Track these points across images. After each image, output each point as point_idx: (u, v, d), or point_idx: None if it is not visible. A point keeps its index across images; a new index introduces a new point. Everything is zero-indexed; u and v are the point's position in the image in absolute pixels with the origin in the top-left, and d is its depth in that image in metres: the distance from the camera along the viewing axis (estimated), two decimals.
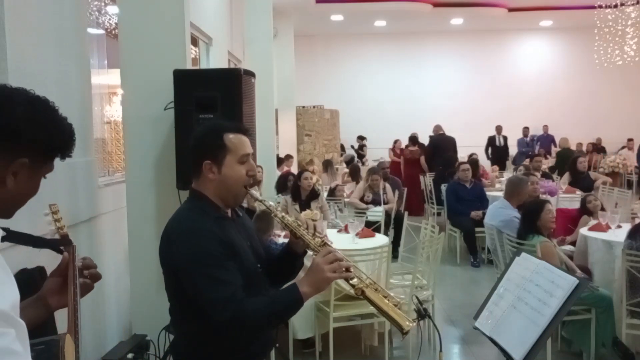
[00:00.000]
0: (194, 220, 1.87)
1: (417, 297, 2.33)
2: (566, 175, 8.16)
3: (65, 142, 1.36)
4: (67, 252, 1.58)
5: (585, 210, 5.51)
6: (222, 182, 1.91)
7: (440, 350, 2.12)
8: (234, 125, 1.99)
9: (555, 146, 15.23)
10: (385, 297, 1.85)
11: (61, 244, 1.62)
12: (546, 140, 15.11)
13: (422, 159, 11.24)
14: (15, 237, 1.48)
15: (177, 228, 1.89)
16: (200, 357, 1.93)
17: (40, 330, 1.49)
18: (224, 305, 1.76)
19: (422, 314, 2.05)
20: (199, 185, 1.95)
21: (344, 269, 1.82)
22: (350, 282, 1.84)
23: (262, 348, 2.02)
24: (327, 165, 10.04)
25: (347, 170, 10.33)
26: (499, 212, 5.45)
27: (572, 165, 8.16)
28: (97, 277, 1.62)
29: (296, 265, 2.05)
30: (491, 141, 13.67)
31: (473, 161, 8.58)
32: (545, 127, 15.33)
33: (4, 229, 1.37)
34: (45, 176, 1.35)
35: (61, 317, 1.60)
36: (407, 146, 12.09)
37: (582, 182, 7.82)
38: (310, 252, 1.95)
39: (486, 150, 13.55)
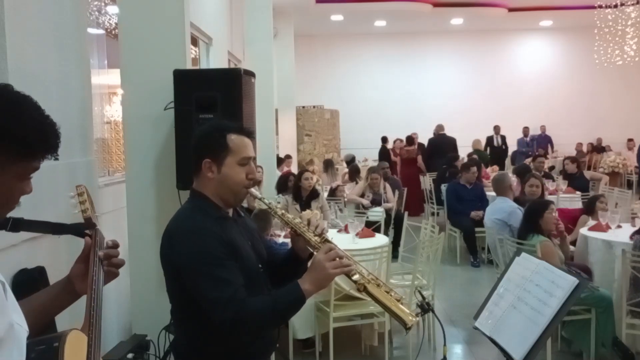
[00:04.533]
0: (196, 220, 1.87)
1: (420, 292, 2.32)
2: (560, 178, 8.26)
3: (31, 139, 1.15)
4: (90, 236, 1.52)
5: (588, 209, 5.52)
6: (221, 182, 1.90)
7: (445, 344, 2.11)
8: (238, 126, 1.98)
9: (553, 146, 15.26)
10: (387, 292, 1.85)
11: (84, 227, 1.55)
12: (544, 140, 15.14)
13: (419, 158, 11.24)
14: (31, 226, 1.42)
15: (178, 228, 1.89)
16: (201, 357, 1.93)
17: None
18: (226, 304, 1.76)
19: (425, 308, 2.04)
20: (199, 185, 1.95)
21: (345, 266, 1.82)
22: (352, 278, 1.84)
23: (264, 348, 2.01)
24: (328, 165, 10.03)
25: (347, 170, 10.32)
26: (501, 206, 5.66)
27: (563, 167, 8.38)
28: (119, 264, 1.56)
29: (299, 271, 2.01)
30: (489, 141, 13.67)
31: (477, 162, 8.57)
32: (543, 127, 15.36)
33: (17, 219, 1.36)
34: (28, 176, 1.20)
35: (62, 317, 1.59)
36: (404, 146, 12.11)
37: (576, 182, 7.90)
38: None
39: (484, 150, 13.56)
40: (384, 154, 13.06)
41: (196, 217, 1.88)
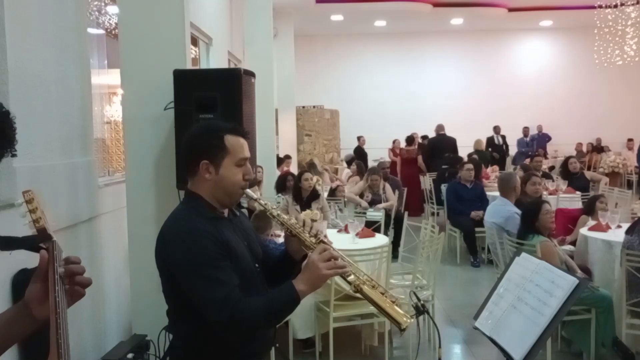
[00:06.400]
0: (189, 221, 1.87)
1: (415, 294, 2.32)
2: (559, 178, 8.21)
3: None
4: (47, 250, 1.30)
5: (588, 209, 5.51)
6: (218, 183, 1.89)
7: (440, 347, 2.12)
8: (234, 127, 1.97)
9: (550, 138, 15.32)
10: (382, 293, 1.85)
11: (38, 240, 1.31)
12: (542, 139, 15.16)
13: (420, 158, 11.24)
14: None
15: (172, 229, 1.88)
16: (197, 357, 1.93)
17: (39, 337, 1.37)
18: (221, 305, 1.76)
19: (420, 310, 2.04)
20: (194, 186, 1.94)
21: (339, 267, 1.82)
22: (347, 278, 1.84)
23: (261, 348, 2.01)
24: (310, 167, 9.91)
25: (348, 170, 10.31)
26: (499, 209, 5.54)
27: (563, 166, 8.28)
28: (86, 283, 1.34)
29: (292, 272, 2.01)
30: (490, 141, 13.66)
31: (476, 162, 8.58)
32: (539, 127, 15.37)
33: None
34: None
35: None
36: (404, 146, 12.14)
37: (576, 182, 7.86)
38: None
39: (486, 150, 13.54)
40: (359, 153, 13.09)
41: (190, 218, 1.88)
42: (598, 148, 14.72)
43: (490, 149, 13.48)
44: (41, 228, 1.31)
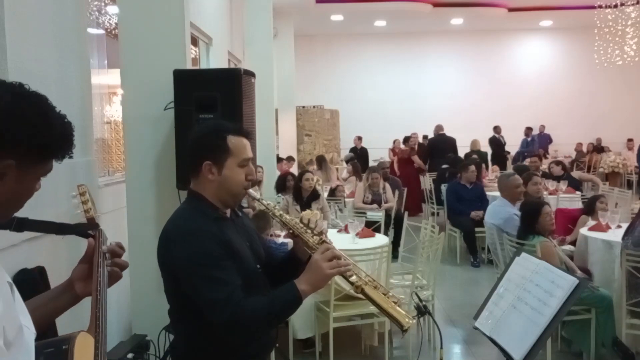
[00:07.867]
0: (192, 221, 1.87)
1: (417, 294, 2.32)
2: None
3: (57, 141, 1.24)
4: (94, 237, 1.51)
5: (588, 209, 5.51)
6: (221, 184, 1.89)
7: (441, 348, 2.12)
8: (237, 128, 1.97)
9: (551, 140, 15.33)
10: (384, 294, 1.85)
11: (88, 227, 1.54)
12: (544, 140, 15.16)
13: (415, 157, 11.23)
14: (35, 226, 1.42)
15: (174, 229, 1.88)
16: (199, 357, 1.93)
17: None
18: (222, 306, 1.76)
19: (422, 310, 2.04)
20: (197, 186, 1.94)
21: (342, 266, 1.82)
22: (350, 279, 1.84)
23: (262, 348, 2.01)
24: (321, 161, 9.79)
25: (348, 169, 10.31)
26: (498, 210, 5.49)
27: (549, 170, 8.38)
28: (124, 265, 1.55)
29: (297, 273, 2.01)
30: (493, 141, 13.62)
31: (476, 162, 8.57)
32: (542, 127, 15.42)
33: (21, 219, 1.36)
34: (45, 175, 1.28)
35: (64, 319, 1.58)
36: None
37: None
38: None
39: (494, 149, 13.50)
40: (356, 153, 13.19)
41: (192, 218, 1.88)
42: (598, 148, 14.71)
43: (492, 149, 13.46)
44: (90, 217, 1.56)
